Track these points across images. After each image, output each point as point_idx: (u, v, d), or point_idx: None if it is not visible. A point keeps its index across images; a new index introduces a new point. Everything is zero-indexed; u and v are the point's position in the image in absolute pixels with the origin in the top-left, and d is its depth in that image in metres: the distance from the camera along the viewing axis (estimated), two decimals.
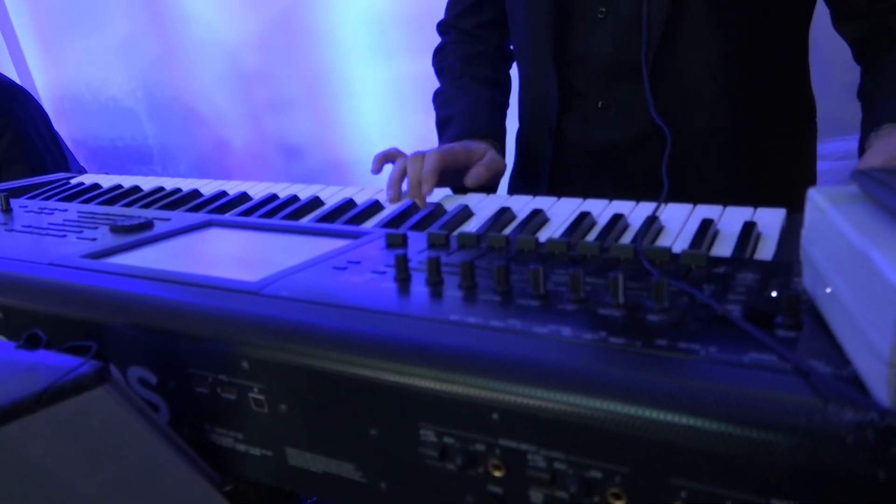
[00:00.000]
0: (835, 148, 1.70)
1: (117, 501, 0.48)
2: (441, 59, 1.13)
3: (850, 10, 0.83)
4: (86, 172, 2.27)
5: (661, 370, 0.37)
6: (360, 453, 0.46)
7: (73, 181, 1.05)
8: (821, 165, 1.67)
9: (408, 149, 0.93)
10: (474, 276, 0.50)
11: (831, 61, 1.16)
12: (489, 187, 0.89)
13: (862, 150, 0.73)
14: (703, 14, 0.82)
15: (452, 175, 0.87)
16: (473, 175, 0.86)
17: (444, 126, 1.01)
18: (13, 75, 3.05)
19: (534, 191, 1.00)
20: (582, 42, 0.89)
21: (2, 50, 3.07)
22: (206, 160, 2.89)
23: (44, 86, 3.12)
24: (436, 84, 1.13)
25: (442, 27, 1.15)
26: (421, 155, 0.83)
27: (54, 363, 0.46)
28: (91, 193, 0.95)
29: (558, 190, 0.98)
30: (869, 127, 0.71)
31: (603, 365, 0.38)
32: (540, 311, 0.45)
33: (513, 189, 1.07)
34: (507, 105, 1.09)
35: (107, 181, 1.02)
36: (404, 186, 0.82)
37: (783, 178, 0.91)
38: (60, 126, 2.96)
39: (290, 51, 2.52)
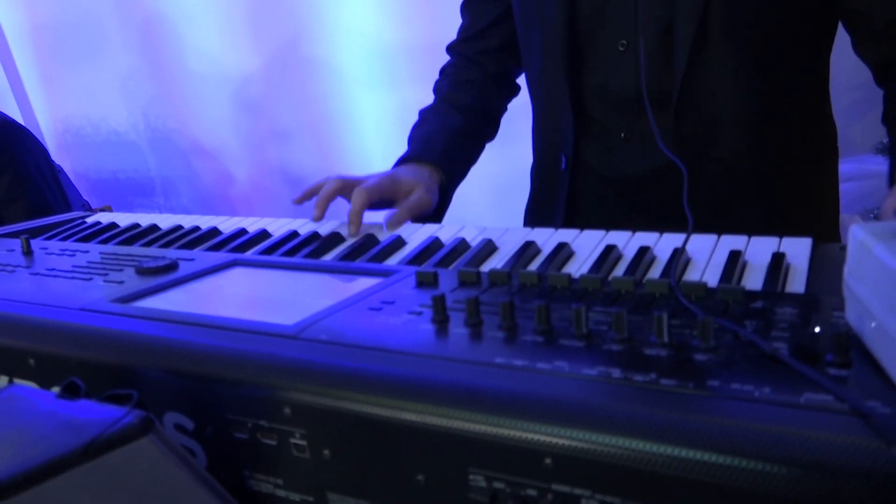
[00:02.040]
0: (842, 169, 1.71)
1: None
2: (439, 80, 1.16)
3: (869, 33, 0.84)
4: (89, 206, 2.28)
5: (717, 413, 0.37)
6: (407, 499, 0.45)
7: (90, 220, 1.05)
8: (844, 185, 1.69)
9: None
10: (514, 317, 0.50)
11: (838, 81, 1.17)
12: (425, 218, 0.93)
13: (892, 179, 0.73)
14: (727, 44, 0.83)
15: (379, 204, 0.91)
16: (393, 219, 0.87)
17: (409, 142, 1.05)
18: (15, 109, 3.07)
19: (550, 221, 1.01)
20: (602, 74, 0.91)
21: (3, 84, 3.08)
22: (210, 192, 2.90)
23: (46, 120, 3.14)
24: None
25: (448, 49, 1.17)
26: (342, 181, 0.89)
27: (98, 414, 0.46)
28: (109, 233, 0.95)
29: (575, 220, 0.98)
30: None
31: (657, 408, 0.38)
32: (585, 352, 0.45)
33: (528, 220, 1.08)
34: (484, 136, 1.11)
35: (123, 220, 1.03)
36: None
37: (807, 206, 0.92)
38: (62, 159, 2.97)
39: (292, 82, 2.54)
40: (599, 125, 0.93)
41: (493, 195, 2.05)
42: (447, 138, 1.04)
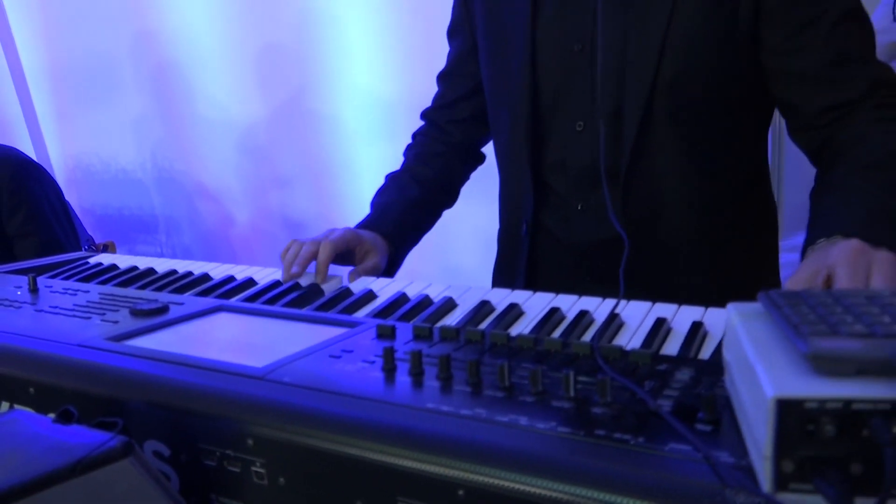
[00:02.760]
0: (797, 241, 1.79)
1: None
2: (410, 145, 1.26)
3: (801, 122, 0.93)
4: (93, 241, 2.37)
5: (598, 456, 0.45)
6: None
7: (92, 261, 1.14)
8: (790, 257, 1.77)
9: None
10: (450, 369, 0.58)
11: (800, 157, 1.26)
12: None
13: (803, 254, 0.81)
14: (671, 129, 0.92)
15: (345, 255, 1.03)
16: (351, 278, 1.00)
17: (371, 206, 1.17)
18: (28, 144, 3.19)
19: (513, 281, 1.09)
20: (561, 151, 1.00)
21: (19, 120, 3.21)
22: (211, 233, 2.99)
23: (57, 156, 3.25)
24: None
25: (422, 114, 1.27)
26: (316, 243, 0.99)
27: (87, 438, 0.53)
28: (109, 274, 1.04)
29: (536, 281, 1.07)
30: (808, 238, 0.80)
31: (550, 450, 0.46)
32: (503, 402, 0.53)
33: (494, 279, 1.16)
34: (440, 206, 1.23)
35: (123, 262, 1.11)
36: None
37: (747, 275, 1.00)
38: (70, 194, 3.08)
39: (296, 131, 2.65)
40: (558, 196, 1.03)
41: (485, 247, 2.15)
42: (402, 210, 1.15)
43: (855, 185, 0.80)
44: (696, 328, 0.70)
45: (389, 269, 1.12)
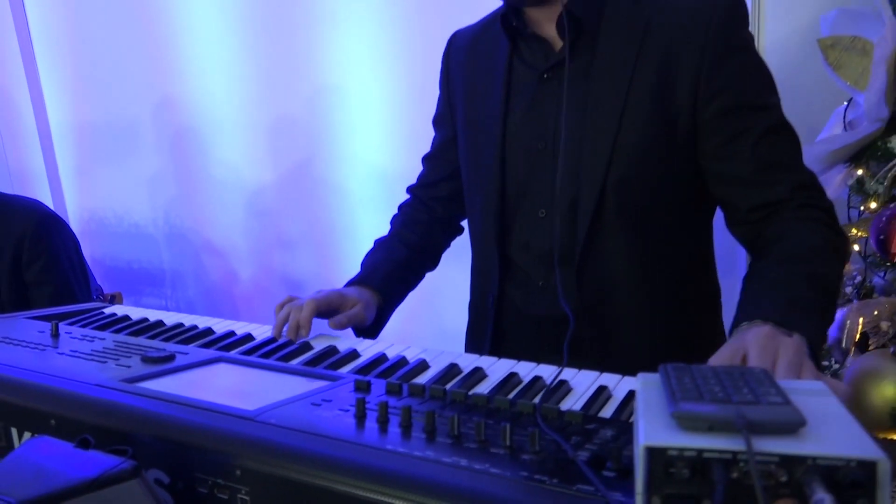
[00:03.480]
0: None
1: None
2: (397, 214, 1.39)
3: (735, 218, 1.06)
4: (101, 290, 2.48)
5: (515, 491, 0.55)
6: None
7: (107, 311, 1.25)
8: None
9: None
10: (411, 419, 0.69)
11: None
12: (362, 329, 1.17)
13: (730, 336, 0.92)
14: (620, 219, 1.04)
15: (329, 313, 1.13)
16: (335, 320, 1.11)
17: (361, 266, 1.28)
18: (48, 196, 3.34)
19: (481, 347, 1.20)
20: (526, 234, 1.12)
21: (42, 173, 3.37)
22: (215, 288, 3.11)
23: (74, 208, 3.40)
24: None
25: (408, 190, 1.41)
26: (300, 306, 1.09)
27: (101, 461, 0.64)
28: (123, 324, 1.15)
29: (501, 348, 1.18)
30: (734, 321, 0.90)
31: (480, 486, 0.57)
32: (451, 447, 0.63)
33: (467, 344, 1.27)
34: (424, 267, 1.35)
35: (135, 314, 1.22)
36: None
37: (689, 353, 1.10)
38: (83, 244, 3.20)
39: (301, 196, 2.79)
40: (522, 272, 1.14)
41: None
42: (390, 269, 1.27)
43: (777, 276, 0.92)
44: (631, 395, 0.80)
45: (377, 323, 1.22)
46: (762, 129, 1.00)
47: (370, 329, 1.20)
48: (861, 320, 1.35)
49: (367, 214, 2.67)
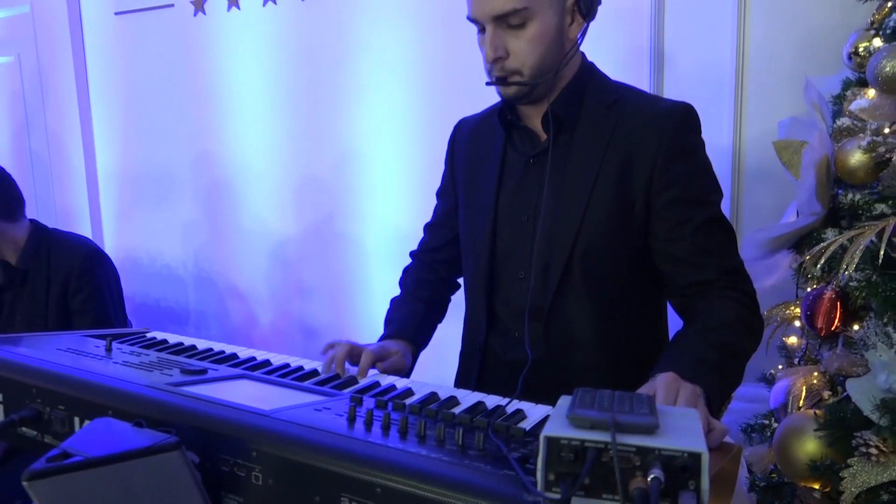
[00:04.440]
0: (745, 391, 2.06)
1: None
2: (403, 277, 1.60)
3: (672, 290, 1.27)
4: (130, 325, 2.70)
5: (459, 470, 0.75)
6: None
7: (149, 335, 1.47)
8: (733, 404, 2.03)
9: None
10: (390, 423, 0.89)
11: None
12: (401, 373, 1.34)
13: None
14: (582, 283, 1.25)
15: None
16: (384, 367, 1.29)
17: (387, 324, 1.46)
18: (88, 233, 3.60)
19: (467, 387, 1.40)
20: (507, 292, 1.34)
21: (85, 213, 3.64)
22: (235, 330, 3.33)
23: (112, 247, 3.66)
24: None
25: (412, 255, 1.63)
26: (359, 349, 1.27)
27: (152, 435, 0.85)
28: (163, 345, 1.37)
29: (485, 385, 1.38)
30: (652, 372, 1.08)
31: (436, 468, 0.76)
32: (417, 443, 0.83)
33: (455, 385, 1.47)
34: (437, 319, 1.54)
35: (171, 339, 1.44)
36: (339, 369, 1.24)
37: None
38: None
39: (321, 249, 3.03)
40: (503, 325, 1.35)
41: None
42: (416, 322, 1.47)
43: (693, 341, 1.12)
44: None
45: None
46: (701, 220, 1.22)
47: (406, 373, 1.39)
48: (804, 388, 1.53)
49: (380, 268, 2.90)
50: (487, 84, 1.30)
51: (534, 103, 1.31)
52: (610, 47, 2.19)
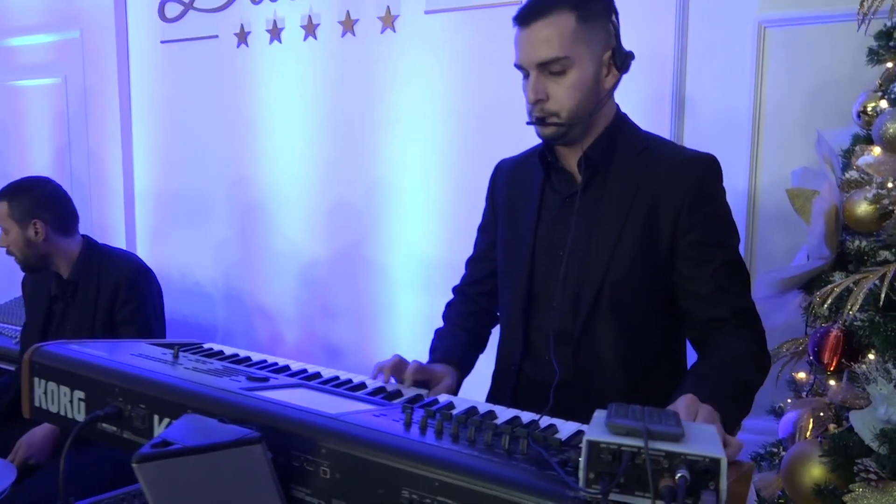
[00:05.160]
0: (755, 424, 2.16)
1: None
2: (447, 311, 1.73)
3: (690, 325, 1.40)
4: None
5: (505, 468, 0.87)
6: (370, 503, 0.94)
7: (205, 346, 1.60)
8: (741, 436, 2.13)
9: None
10: (443, 428, 1.01)
11: None
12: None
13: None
14: (609, 313, 1.38)
15: (423, 382, 1.42)
16: (436, 391, 1.41)
17: (432, 351, 1.59)
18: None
19: (502, 403, 1.51)
20: (541, 319, 1.46)
21: (121, 230, 3.80)
22: (260, 347, 3.44)
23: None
24: None
25: (455, 290, 1.75)
26: (406, 363, 1.39)
27: (237, 430, 0.97)
28: (221, 355, 1.49)
29: (518, 404, 1.49)
30: (673, 396, 1.20)
31: (481, 465, 0.88)
32: (468, 445, 0.95)
33: (489, 399, 1.59)
34: (480, 349, 1.66)
35: (227, 350, 1.56)
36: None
37: None
38: None
39: (349, 273, 3.16)
40: (537, 349, 1.47)
41: None
42: (462, 351, 1.60)
43: (708, 372, 1.25)
44: None
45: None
46: (721, 261, 1.35)
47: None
48: (811, 421, 1.64)
49: (405, 294, 3.02)
50: (528, 123, 1.44)
51: (569, 145, 1.44)
52: (634, 92, 2.32)
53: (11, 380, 2.58)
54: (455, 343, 1.60)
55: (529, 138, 1.54)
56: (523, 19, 1.39)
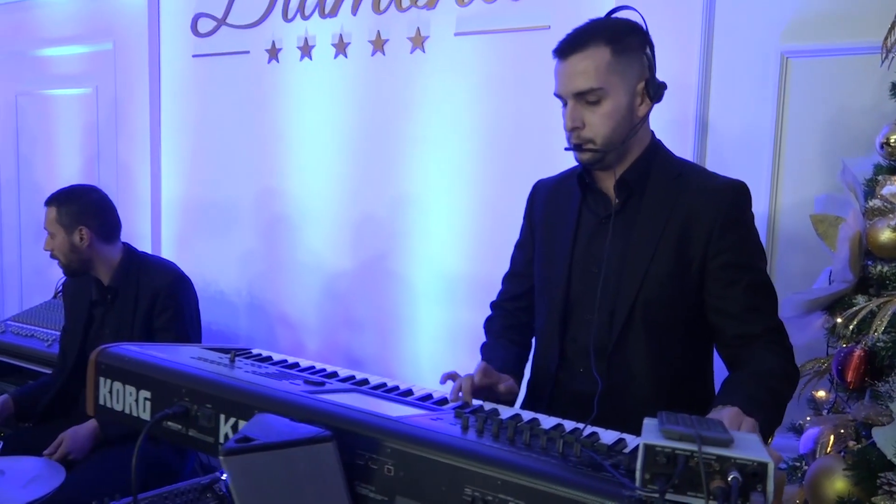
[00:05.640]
0: (775, 441, 2.21)
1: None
2: (489, 326, 1.80)
3: (721, 341, 1.47)
4: None
5: (562, 470, 0.94)
6: (431, 500, 1.01)
7: (254, 351, 1.67)
8: None
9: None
10: (499, 431, 1.08)
11: None
12: (510, 401, 1.51)
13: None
14: (642, 328, 1.45)
15: (485, 389, 1.47)
16: (502, 392, 1.47)
17: (490, 362, 1.61)
18: None
19: (537, 411, 1.58)
20: (577, 333, 1.54)
21: (147, 238, 3.88)
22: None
23: None
24: (481, 337, 1.80)
25: (493, 306, 1.83)
26: (471, 376, 1.45)
27: (310, 428, 1.04)
28: (272, 361, 1.57)
29: (553, 412, 1.56)
30: (713, 405, 1.27)
31: (543, 467, 0.96)
32: (525, 447, 1.03)
33: (524, 406, 1.66)
34: (525, 358, 1.73)
35: (276, 356, 1.64)
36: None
37: None
38: None
39: (372, 285, 3.23)
40: (571, 361, 1.55)
41: None
42: (514, 360, 1.67)
43: (743, 382, 1.33)
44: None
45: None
46: (749, 282, 1.43)
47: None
48: (832, 437, 1.71)
49: (427, 306, 3.09)
50: (566, 149, 1.52)
51: (605, 169, 1.52)
52: (659, 117, 2.40)
53: (47, 381, 2.66)
54: (507, 354, 1.68)
55: (552, 159, 1.63)
56: (562, 52, 1.48)
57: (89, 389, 1.44)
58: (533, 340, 1.78)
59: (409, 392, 1.43)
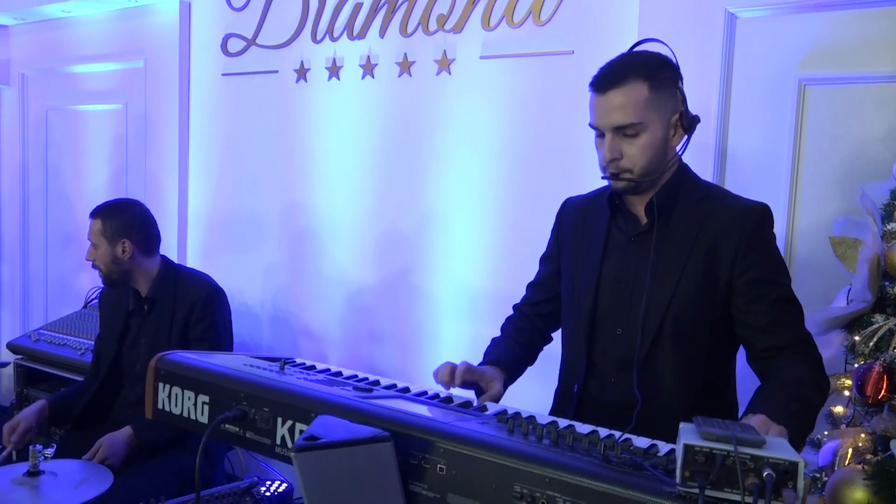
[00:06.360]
0: None
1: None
2: (506, 324, 1.90)
3: (751, 353, 1.55)
4: None
5: (606, 470, 1.02)
6: (482, 497, 1.09)
7: (297, 360, 1.76)
8: None
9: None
10: (543, 433, 1.16)
11: None
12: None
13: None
14: (670, 342, 1.53)
15: (472, 383, 1.58)
16: (485, 398, 1.57)
17: (486, 355, 1.76)
18: None
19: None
20: (606, 345, 1.62)
21: (173, 248, 3.97)
22: None
23: None
24: None
25: (515, 307, 1.93)
26: (454, 366, 1.56)
27: (370, 429, 1.13)
28: (317, 369, 1.65)
29: (581, 421, 1.64)
30: (744, 413, 1.35)
31: (588, 467, 1.04)
32: (569, 449, 1.11)
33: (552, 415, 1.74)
34: (528, 362, 1.83)
35: (319, 366, 1.72)
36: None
37: None
38: None
39: (396, 299, 3.31)
40: (600, 372, 1.63)
41: None
42: (511, 358, 1.77)
43: (775, 392, 1.40)
44: (671, 451, 1.26)
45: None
46: (775, 297, 1.51)
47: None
48: (850, 450, 1.78)
49: (450, 322, 3.17)
50: (603, 178, 1.60)
51: (638, 194, 1.61)
52: None
53: (80, 388, 2.74)
54: (507, 351, 1.78)
55: (573, 179, 1.72)
56: (600, 86, 1.56)
57: (148, 394, 1.53)
58: (542, 346, 1.87)
59: (449, 399, 1.51)
